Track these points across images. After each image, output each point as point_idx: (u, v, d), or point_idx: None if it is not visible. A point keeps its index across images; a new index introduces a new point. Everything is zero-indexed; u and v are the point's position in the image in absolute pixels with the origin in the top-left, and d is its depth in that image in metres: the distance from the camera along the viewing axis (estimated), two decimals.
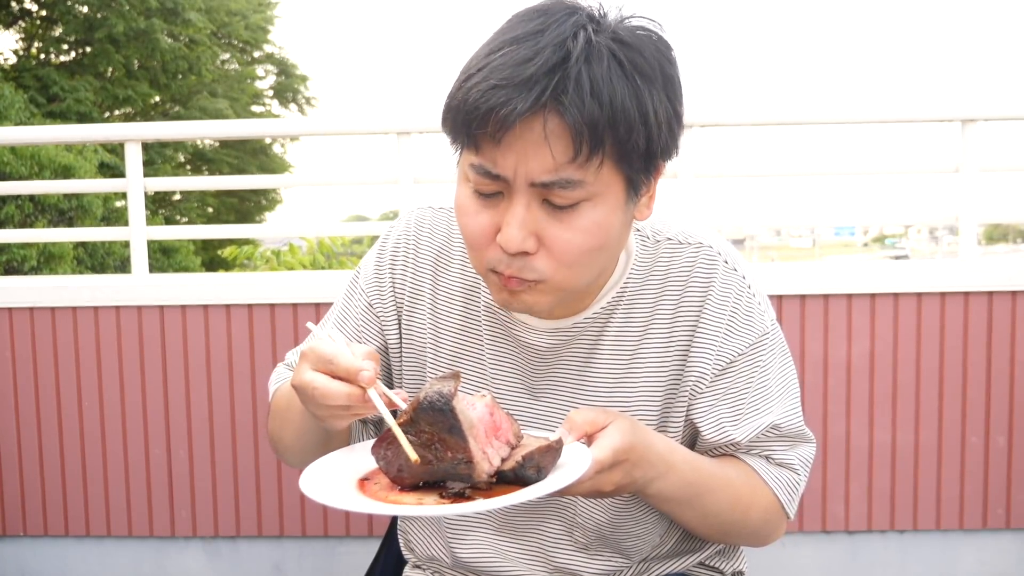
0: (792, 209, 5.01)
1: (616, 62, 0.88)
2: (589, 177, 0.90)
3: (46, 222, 9.71)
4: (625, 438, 0.94)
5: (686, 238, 1.10)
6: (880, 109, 2.31)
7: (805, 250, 60.80)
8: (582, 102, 0.86)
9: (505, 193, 0.93)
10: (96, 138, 2.70)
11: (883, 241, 68.86)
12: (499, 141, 0.89)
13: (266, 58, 20.43)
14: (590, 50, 0.88)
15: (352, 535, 2.22)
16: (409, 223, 1.18)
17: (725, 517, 1.08)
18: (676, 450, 1.03)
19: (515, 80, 0.86)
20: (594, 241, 0.94)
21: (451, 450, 0.86)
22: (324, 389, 0.91)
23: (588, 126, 0.87)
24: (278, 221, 21.97)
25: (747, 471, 1.10)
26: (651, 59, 0.91)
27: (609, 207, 0.94)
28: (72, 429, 2.23)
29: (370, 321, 1.18)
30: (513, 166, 0.90)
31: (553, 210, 0.92)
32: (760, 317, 1.09)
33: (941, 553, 2.18)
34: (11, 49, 17.51)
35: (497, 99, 0.86)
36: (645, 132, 0.90)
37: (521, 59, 0.87)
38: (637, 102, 0.89)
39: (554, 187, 0.90)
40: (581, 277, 0.98)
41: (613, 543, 1.14)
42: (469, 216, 0.97)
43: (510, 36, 0.90)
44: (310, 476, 0.91)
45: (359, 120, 2.39)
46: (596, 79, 0.87)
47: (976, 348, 2.11)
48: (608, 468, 0.93)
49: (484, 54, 0.91)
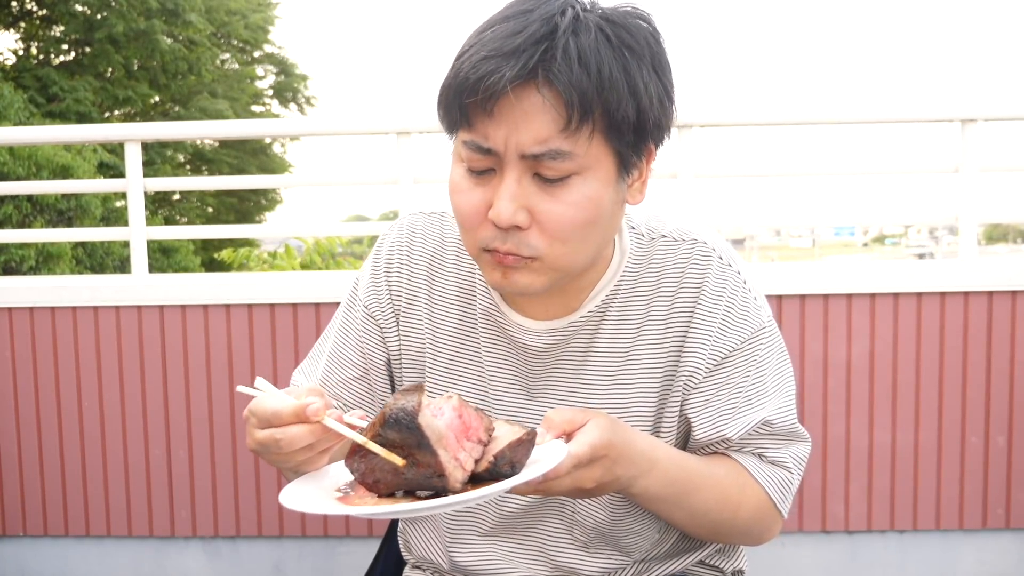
0: (792, 209, 5.01)
1: (603, 36, 0.91)
2: (579, 149, 0.92)
3: (44, 222, 9.71)
4: (603, 434, 0.93)
5: (681, 235, 1.10)
6: (880, 109, 2.31)
7: (805, 250, 60.81)
8: (570, 70, 0.88)
9: (497, 169, 0.95)
10: (96, 138, 2.70)
11: (883, 241, 68.91)
12: (490, 112, 0.91)
13: (266, 58, 20.43)
14: (577, 24, 0.90)
15: (352, 535, 2.22)
16: (402, 230, 1.18)
17: (714, 516, 1.08)
18: (659, 447, 1.03)
19: (503, 50, 0.89)
20: (585, 215, 0.95)
21: (422, 465, 0.85)
22: (286, 439, 0.90)
23: (578, 93, 0.88)
24: (278, 221, 21.97)
25: (737, 469, 1.10)
26: (639, 36, 0.93)
27: (600, 181, 0.95)
28: (72, 429, 2.23)
29: (371, 330, 1.18)
30: (504, 138, 0.92)
31: (544, 184, 0.94)
32: (756, 313, 1.09)
33: (941, 553, 2.18)
34: (11, 49, 17.52)
35: (487, 68, 0.89)
36: (635, 104, 0.91)
37: (510, 32, 0.90)
38: (626, 74, 0.91)
39: (544, 159, 0.92)
40: (576, 255, 0.98)
41: (613, 541, 1.14)
42: (462, 194, 0.98)
43: (500, 16, 0.93)
44: (291, 489, 0.90)
45: (359, 120, 2.39)
46: (584, 49, 0.89)
47: (976, 348, 2.11)
48: (586, 464, 0.92)
49: (476, 33, 0.94)
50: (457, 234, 1.15)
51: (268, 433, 0.91)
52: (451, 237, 1.15)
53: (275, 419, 0.91)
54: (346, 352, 1.19)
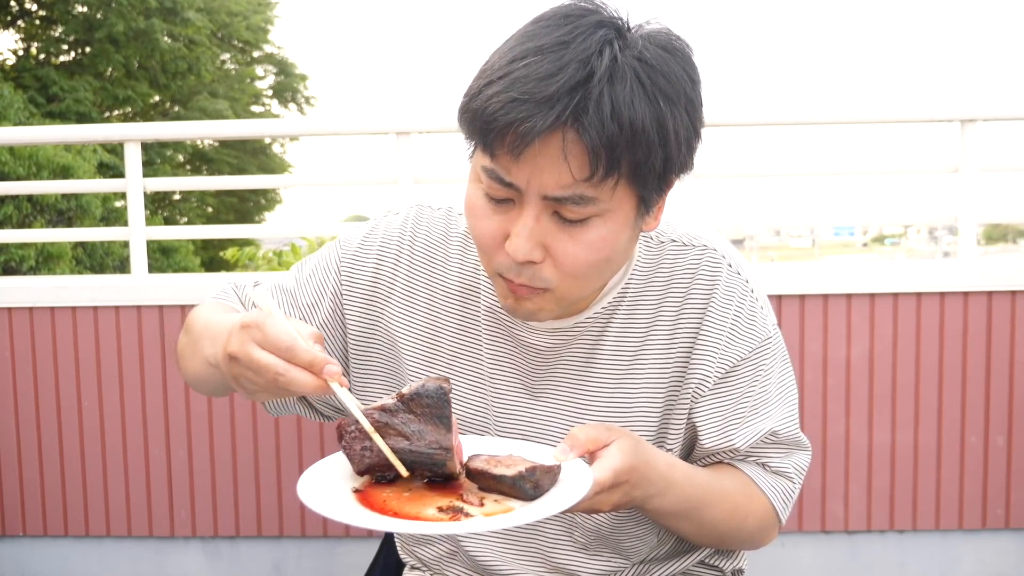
0: (792, 209, 5.01)
1: (639, 83, 0.87)
2: (603, 195, 0.90)
3: (44, 222, 9.71)
4: (627, 459, 0.93)
5: (690, 240, 1.10)
6: (880, 109, 2.31)
7: (805, 250, 60.84)
8: (602, 124, 0.85)
9: (516, 201, 0.93)
10: (96, 138, 2.70)
11: (883, 241, 68.90)
12: (517, 155, 0.88)
13: (266, 58, 20.41)
14: (614, 69, 0.86)
15: (352, 535, 2.22)
16: (407, 219, 1.16)
17: (722, 528, 1.09)
18: (676, 466, 1.03)
19: (537, 96, 0.85)
20: (600, 255, 0.94)
21: (434, 437, 0.89)
22: (287, 377, 0.87)
23: (606, 147, 0.86)
24: (278, 221, 21.96)
25: (744, 481, 1.10)
26: (676, 81, 0.90)
27: (619, 223, 0.94)
28: (71, 429, 2.23)
29: (326, 288, 1.15)
30: (527, 178, 0.90)
31: (563, 223, 0.92)
32: (763, 322, 1.09)
33: (940, 553, 2.18)
34: (10, 49, 17.52)
35: (517, 114, 0.85)
36: (663, 154, 0.90)
37: (544, 73, 0.86)
38: (658, 124, 0.88)
39: (567, 202, 0.90)
40: (586, 288, 0.99)
41: (612, 543, 1.14)
42: (479, 219, 0.96)
43: (534, 45, 0.88)
44: (308, 482, 0.90)
45: (359, 120, 2.39)
46: (618, 100, 0.86)
47: (975, 348, 2.11)
48: (608, 489, 0.93)
49: (507, 60, 0.89)
50: (462, 229, 1.13)
51: (273, 361, 0.87)
52: (455, 233, 1.14)
53: (288, 354, 0.87)
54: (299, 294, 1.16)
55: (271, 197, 20.10)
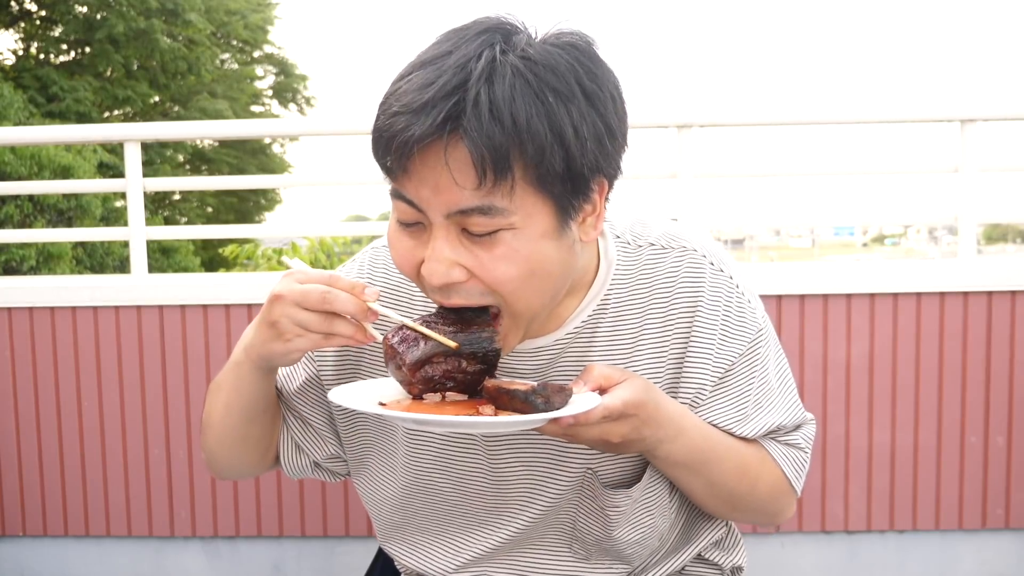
0: (791, 209, 5.02)
1: (522, 80, 0.84)
2: (502, 203, 0.86)
3: (45, 222, 9.72)
4: (637, 393, 0.94)
5: (668, 242, 1.07)
6: (880, 109, 2.31)
7: (804, 250, 60.82)
8: (480, 124, 0.82)
9: (425, 224, 0.90)
10: (96, 138, 2.70)
11: (883, 241, 68.89)
12: (406, 170, 0.86)
13: (265, 58, 20.42)
14: (493, 68, 0.84)
15: (351, 535, 2.22)
16: (363, 264, 1.14)
17: (732, 487, 1.08)
18: (687, 416, 1.03)
19: (413, 106, 0.83)
20: (524, 268, 0.90)
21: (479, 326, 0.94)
22: (333, 294, 0.91)
23: (490, 150, 0.82)
24: (278, 221, 21.98)
25: (755, 445, 1.11)
26: (565, 74, 0.86)
27: (534, 235, 0.89)
28: (71, 429, 2.23)
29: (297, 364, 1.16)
30: (427, 197, 0.87)
31: (473, 239, 0.88)
32: (752, 316, 1.08)
33: (940, 553, 2.18)
34: (10, 49, 17.51)
35: (397, 126, 0.84)
36: (563, 152, 0.85)
37: (423, 83, 0.84)
38: (548, 121, 0.84)
39: (472, 214, 0.86)
40: (532, 302, 0.93)
41: (614, 553, 1.14)
42: (394, 247, 0.95)
43: (419, 60, 0.88)
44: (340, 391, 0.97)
45: (359, 120, 2.38)
46: (497, 99, 0.82)
47: (975, 348, 2.11)
48: (616, 418, 0.93)
49: (396, 80, 0.89)
50: None
51: (318, 286, 0.92)
52: None
53: (332, 280, 0.93)
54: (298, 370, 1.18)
55: (271, 197, 20.12)
